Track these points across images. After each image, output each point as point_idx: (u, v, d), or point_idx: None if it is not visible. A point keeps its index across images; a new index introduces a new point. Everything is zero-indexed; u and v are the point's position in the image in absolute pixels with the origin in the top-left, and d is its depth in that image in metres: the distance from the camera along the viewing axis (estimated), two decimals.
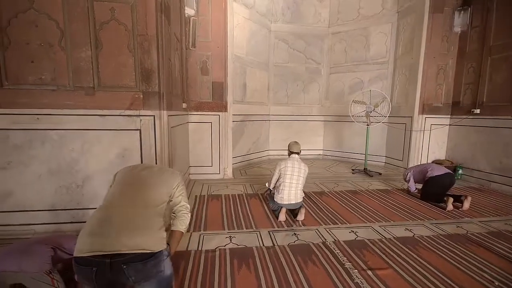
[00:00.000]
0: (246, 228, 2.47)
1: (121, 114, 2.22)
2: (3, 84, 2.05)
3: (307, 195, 3.41)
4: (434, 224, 2.64)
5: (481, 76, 4.13)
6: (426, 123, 4.64)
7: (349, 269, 1.85)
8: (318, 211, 2.92)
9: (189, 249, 2.09)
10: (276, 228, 2.49)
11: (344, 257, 2.00)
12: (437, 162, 4.61)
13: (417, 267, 1.88)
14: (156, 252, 1.01)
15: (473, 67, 4.29)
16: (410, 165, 4.66)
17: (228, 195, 3.39)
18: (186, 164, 3.84)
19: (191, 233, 2.35)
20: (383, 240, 2.28)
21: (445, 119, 4.68)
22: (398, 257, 2.01)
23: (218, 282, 1.68)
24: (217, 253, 2.03)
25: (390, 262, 1.94)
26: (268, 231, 2.42)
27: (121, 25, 2.15)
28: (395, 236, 2.35)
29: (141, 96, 2.23)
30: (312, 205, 3.11)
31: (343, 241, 2.26)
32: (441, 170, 3.24)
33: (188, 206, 1.46)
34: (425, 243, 2.23)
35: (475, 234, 2.42)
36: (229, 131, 4.18)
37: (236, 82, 4.92)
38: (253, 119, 5.45)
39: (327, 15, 5.87)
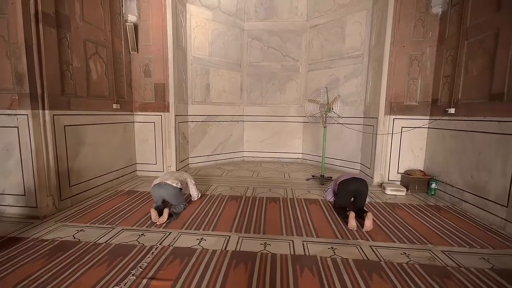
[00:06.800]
0: (109, 224, 2.53)
1: (2, 113, 2.56)
2: None
3: (215, 198, 3.29)
4: (305, 242, 2.23)
5: (457, 66, 3.26)
6: (395, 125, 3.88)
7: (132, 275, 1.75)
8: (195, 216, 2.76)
9: (34, 236, 2.27)
10: (140, 228, 2.48)
11: (144, 262, 1.89)
12: (408, 173, 3.81)
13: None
14: None
15: (451, 56, 3.41)
16: (376, 174, 4.01)
17: (145, 192, 3.51)
18: (125, 160, 4.09)
19: (56, 222, 2.56)
20: (165, 248, 2.06)
21: (423, 121, 3.83)
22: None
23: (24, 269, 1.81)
24: (55, 243, 2.14)
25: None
26: (123, 228, 2.45)
27: (0, 37, 2.50)
28: (189, 246, 2.10)
29: (17, 97, 2.54)
30: (201, 210, 2.95)
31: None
32: (349, 176, 2.72)
33: None
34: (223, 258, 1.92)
35: (323, 258, 1.97)
36: (172, 131, 4.29)
37: (197, 82, 5.02)
38: (219, 119, 5.45)
39: (305, 8, 5.44)
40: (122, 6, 3.90)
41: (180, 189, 2.81)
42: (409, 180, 3.70)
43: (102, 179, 3.56)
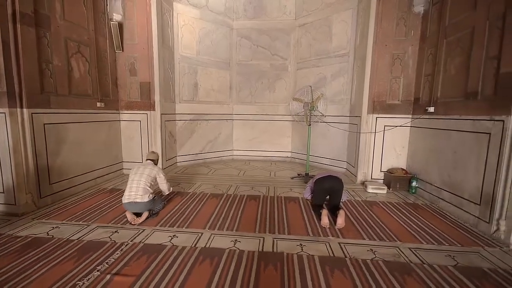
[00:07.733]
0: (86, 221, 2.57)
1: None
2: None
3: (196, 196, 3.32)
4: (275, 239, 2.26)
5: (437, 64, 3.27)
6: (378, 123, 3.89)
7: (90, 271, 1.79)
8: (172, 214, 2.78)
9: (9, 233, 2.31)
10: (114, 225, 2.51)
11: (112, 258, 1.92)
12: (390, 171, 3.83)
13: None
14: None
15: (432, 54, 3.41)
16: (360, 172, 4.03)
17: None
18: (110, 158, 4.12)
19: (33, 219, 2.59)
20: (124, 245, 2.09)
21: (405, 120, 3.84)
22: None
23: None
24: (27, 240, 2.18)
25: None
26: (98, 226, 2.48)
27: None
28: (157, 243, 2.13)
29: None
30: (179, 207, 2.98)
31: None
32: (325, 173, 2.75)
33: None
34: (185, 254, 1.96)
35: (289, 255, 1.99)
36: (157, 129, 4.31)
37: (185, 81, 5.05)
38: (208, 118, 5.47)
39: (293, 7, 5.44)
40: (107, 5, 3.92)
41: (154, 197, 2.73)
42: (390, 178, 3.72)
43: (86, 177, 3.59)
